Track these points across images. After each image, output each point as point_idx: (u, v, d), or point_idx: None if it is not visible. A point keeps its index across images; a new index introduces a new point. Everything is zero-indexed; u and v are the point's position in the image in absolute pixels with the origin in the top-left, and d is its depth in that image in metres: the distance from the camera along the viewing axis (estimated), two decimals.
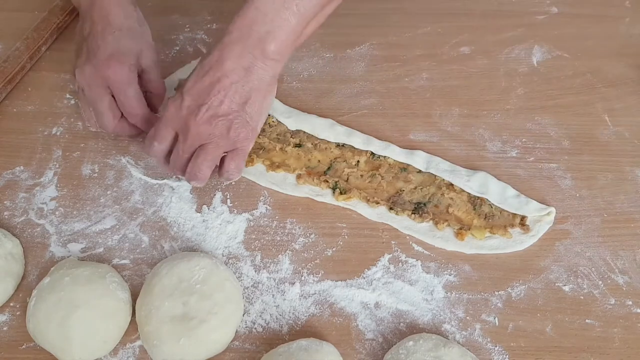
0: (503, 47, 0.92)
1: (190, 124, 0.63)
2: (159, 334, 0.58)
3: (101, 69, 0.68)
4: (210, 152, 0.64)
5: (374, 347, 0.61)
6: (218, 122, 0.63)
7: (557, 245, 0.69)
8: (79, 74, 0.70)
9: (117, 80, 0.69)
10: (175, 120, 0.64)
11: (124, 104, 0.70)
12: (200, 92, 0.63)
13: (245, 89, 0.64)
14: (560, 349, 0.61)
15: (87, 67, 0.69)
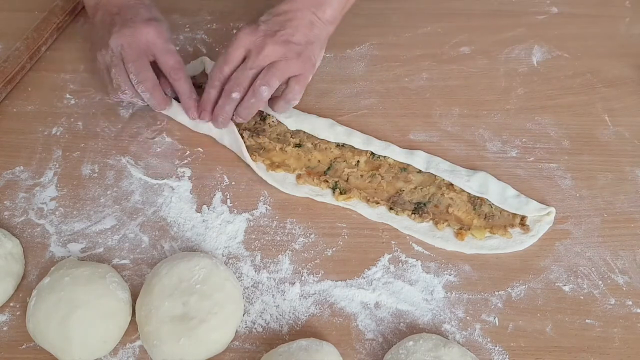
0: (503, 47, 0.92)
1: (267, 41, 0.70)
2: (159, 334, 0.58)
3: (140, 29, 0.72)
4: (281, 67, 0.70)
5: (374, 347, 0.61)
6: (291, 46, 0.71)
7: (557, 245, 0.69)
8: (119, 37, 0.72)
9: (158, 37, 0.73)
10: (250, 40, 0.71)
11: (166, 59, 0.73)
12: (275, 22, 0.72)
13: (309, 35, 0.73)
14: (560, 349, 0.61)
15: (126, 29, 0.72)
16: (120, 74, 0.73)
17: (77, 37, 0.93)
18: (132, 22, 0.73)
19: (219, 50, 0.91)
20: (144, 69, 0.73)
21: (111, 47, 0.72)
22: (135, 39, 0.72)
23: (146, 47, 0.73)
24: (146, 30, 0.73)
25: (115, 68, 0.73)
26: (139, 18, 0.74)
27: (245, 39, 0.71)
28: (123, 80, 0.74)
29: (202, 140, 0.79)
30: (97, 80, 0.86)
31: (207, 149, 0.78)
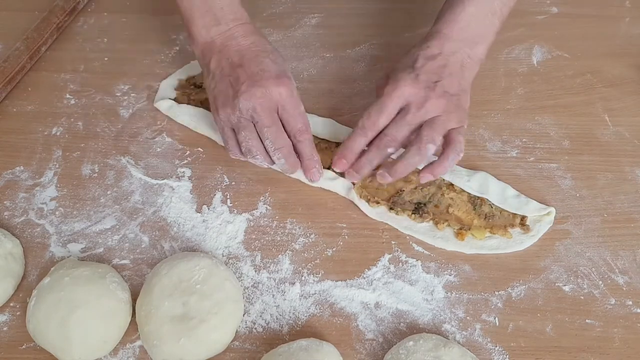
0: (503, 47, 0.92)
1: (429, 95, 0.67)
2: (159, 334, 0.58)
3: (272, 90, 0.66)
4: (443, 122, 0.67)
5: (374, 347, 0.61)
6: (450, 99, 0.67)
7: (557, 245, 0.69)
8: (250, 98, 0.66)
9: (289, 96, 0.67)
10: (410, 92, 0.67)
11: (296, 121, 0.68)
12: (433, 71, 0.68)
13: (463, 83, 0.70)
14: (561, 349, 0.61)
15: (257, 89, 0.66)
16: (252, 138, 0.68)
17: (77, 37, 0.94)
18: (261, 79, 0.67)
19: None
20: (280, 135, 0.68)
21: (240, 108, 0.66)
22: (267, 101, 0.66)
23: (276, 108, 0.67)
24: (278, 91, 0.67)
25: (245, 131, 0.68)
26: (267, 75, 0.67)
27: (405, 91, 0.67)
28: (255, 145, 0.68)
29: (202, 140, 0.79)
30: (97, 80, 0.87)
31: (207, 149, 0.78)
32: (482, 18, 0.71)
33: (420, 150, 0.66)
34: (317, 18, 0.97)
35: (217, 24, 0.70)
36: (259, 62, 0.68)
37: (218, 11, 0.70)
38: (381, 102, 0.68)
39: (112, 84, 0.86)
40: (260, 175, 0.75)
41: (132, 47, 0.92)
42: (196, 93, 0.83)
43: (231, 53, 0.70)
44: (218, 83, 0.69)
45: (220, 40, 0.70)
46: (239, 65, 0.68)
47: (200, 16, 0.71)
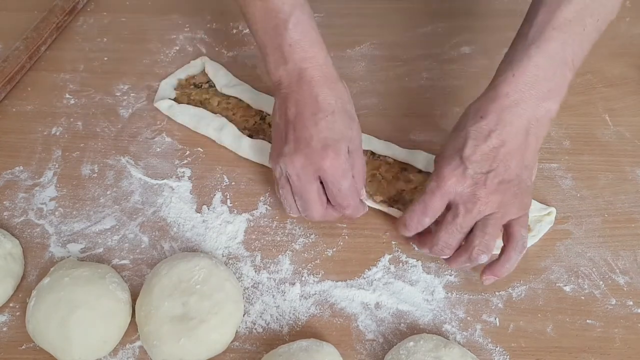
0: (503, 47, 0.91)
1: (479, 193, 0.58)
2: (158, 334, 0.58)
3: (316, 160, 0.61)
4: (498, 221, 0.59)
5: (375, 348, 0.61)
6: (507, 188, 0.59)
7: (557, 246, 0.68)
8: (289, 164, 0.62)
9: (333, 173, 0.61)
10: (456, 191, 0.59)
11: (337, 197, 0.63)
12: (485, 158, 0.59)
13: (526, 157, 0.60)
14: (561, 349, 0.61)
15: (298, 157, 0.61)
16: (287, 197, 0.65)
17: (76, 37, 0.93)
18: (305, 147, 0.61)
19: (218, 50, 0.91)
20: (310, 204, 0.64)
21: (280, 168, 0.63)
22: (305, 170, 0.61)
23: (317, 176, 0.62)
24: (320, 163, 0.61)
25: (282, 190, 0.65)
26: (314, 142, 0.61)
27: (449, 188, 0.59)
28: (289, 204, 0.66)
29: (202, 140, 0.79)
30: (97, 80, 0.86)
31: (207, 149, 0.78)
32: (551, 70, 0.60)
33: (471, 259, 0.60)
34: (317, 18, 0.95)
35: (284, 62, 0.63)
36: (311, 125, 0.61)
37: (286, 48, 0.63)
38: (424, 201, 0.61)
39: (112, 83, 0.86)
40: (260, 175, 0.75)
41: (131, 47, 0.92)
42: (196, 93, 0.83)
43: (290, 103, 0.63)
44: (275, 130, 0.66)
45: (287, 82, 0.64)
46: (291, 122, 0.63)
47: (271, 53, 0.64)
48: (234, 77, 0.85)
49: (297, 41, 0.63)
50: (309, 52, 0.63)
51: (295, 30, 0.63)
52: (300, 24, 0.63)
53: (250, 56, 0.90)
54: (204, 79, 0.86)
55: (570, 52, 0.61)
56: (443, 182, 0.59)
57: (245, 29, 0.94)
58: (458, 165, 0.59)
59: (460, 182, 0.59)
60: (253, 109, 0.81)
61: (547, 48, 0.60)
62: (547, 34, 0.60)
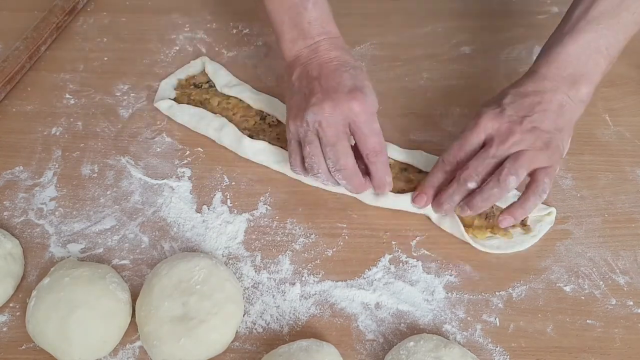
0: (503, 47, 0.92)
1: (513, 128, 0.63)
2: (158, 334, 0.58)
3: (344, 103, 0.63)
4: (529, 157, 0.62)
5: (375, 348, 0.61)
6: (540, 135, 0.63)
7: (557, 246, 0.68)
8: (318, 111, 0.63)
9: (362, 112, 0.63)
10: (493, 125, 0.64)
11: (366, 139, 0.64)
12: (522, 107, 0.65)
13: (559, 121, 0.65)
14: (561, 349, 0.61)
15: (328, 102, 0.63)
16: (315, 154, 0.65)
17: (76, 37, 0.93)
18: (334, 93, 0.63)
19: (218, 50, 0.91)
20: (343, 155, 0.64)
21: (307, 121, 0.64)
22: (335, 116, 0.63)
23: (347, 124, 0.64)
24: (348, 106, 0.63)
25: (309, 146, 0.65)
26: (342, 89, 0.64)
27: (487, 124, 0.64)
28: (318, 162, 0.65)
29: (202, 140, 0.79)
30: (97, 80, 0.86)
31: (207, 149, 0.78)
32: (584, 57, 0.66)
33: (499, 182, 0.62)
34: None
35: (303, 38, 0.68)
36: (337, 76, 0.65)
37: (305, 25, 0.68)
38: (462, 137, 0.66)
39: (112, 83, 0.86)
40: (260, 175, 0.75)
41: (131, 47, 0.92)
42: (196, 93, 0.83)
43: (312, 66, 0.67)
44: (294, 95, 0.67)
45: (305, 54, 0.68)
46: (316, 77, 0.66)
47: (288, 30, 0.69)
48: (234, 77, 0.85)
49: (316, 18, 0.68)
50: (326, 27, 0.69)
51: (314, 9, 0.68)
52: (319, 4, 0.69)
53: (250, 56, 0.90)
54: (204, 79, 0.86)
55: (604, 42, 0.66)
56: (481, 119, 0.65)
57: (245, 29, 0.94)
58: (496, 108, 0.65)
59: (497, 119, 0.64)
60: (253, 109, 0.81)
61: (580, 38, 0.66)
62: (581, 26, 0.67)
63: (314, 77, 0.66)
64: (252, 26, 0.95)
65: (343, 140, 0.64)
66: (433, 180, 0.68)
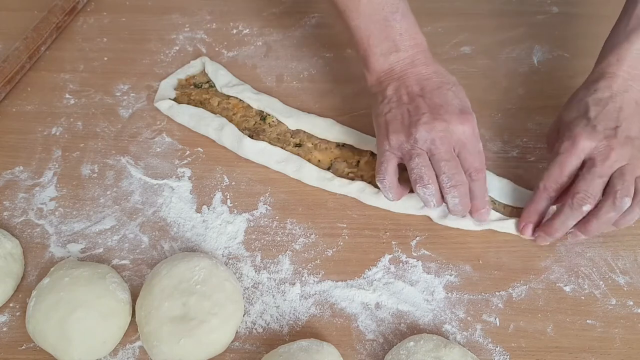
0: (503, 47, 0.92)
1: (612, 145, 0.62)
2: (158, 334, 0.58)
3: (456, 124, 0.63)
4: (631, 172, 0.62)
5: (375, 348, 0.61)
6: (633, 142, 0.63)
7: (557, 246, 0.68)
8: (431, 130, 0.63)
9: (471, 134, 0.64)
10: (590, 145, 0.63)
11: (474, 159, 0.64)
12: (609, 117, 0.64)
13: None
14: (561, 349, 0.61)
15: (439, 122, 0.63)
16: (425, 167, 0.64)
17: (76, 37, 0.93)
18: (445, 113, 0.63)
19: (218, 50, 0.91)
20: (457, 171, 0.64)
21: (417, 138, 0.63)
22: (448, 136, 0.63)
23: (455, 144, 0.64)
24: (462, 128, 0.63)
25: (418, 158, 0.64)
26: (451, 109, 0.64)
27: (584, 144, 0.63)
28: (428, 175, 0.64)
29: (202, 140, 0.79)
30: (97, 80, 0.86)
31: (207, 149, 0.78)
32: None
33: (615, 205, 0.61)
34: (317, 18, 0.97)
35: (396, 51, 0.67)
36: (442, 95, 0.65)
37: (397, 37, 0.67)
38: (560, 160, 0.64)
39: (112, 83, 0.86)
40: (260, 175, 0.75)
41: (132, 47, 0.92)
42: (196, 93, 0.83)
43: (411, 81, 0.67)
44: (393, 109, 0.66)
45: (400, 67, 0.67)
46: (419, 94, 0.65)
47: (377, 44, 0.68)
48: (234, 77, 0.85)
49: (406, 30, 0.67)
50: (417, 39, 0.68)
51: (403, 20, 0.68)
52: (407, 15, 0.68)
53: (250, 56, 0.90)
54: (204, 79, 0.86)
55: None
56: (577, 140, 0.63)
57: (245, 29, 0.94)
58: (586, 124, 0.64)
59: (593, 138, 0.63)
60: (253, 109, 0.81)
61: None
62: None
63: (417, 94, 0.66)
64: (252, 26, 0.95)
65: (455, 158, 0.64)
66: (537, 208, 0.66)
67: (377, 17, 0.67)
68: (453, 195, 0.64)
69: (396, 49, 0.67)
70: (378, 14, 0.67)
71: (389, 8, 0.67)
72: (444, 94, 0.65)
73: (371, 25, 0.67)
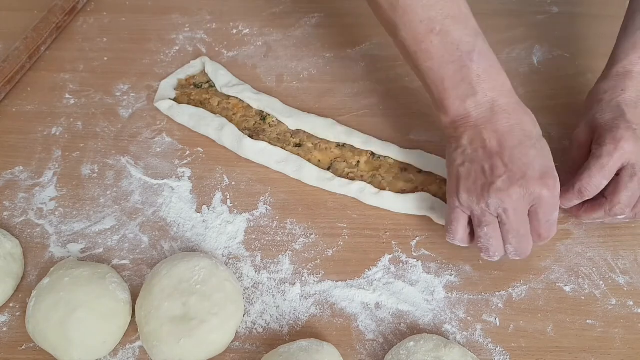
0: (503, 47, 0.92)
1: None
2: (158, 334, 0.58)
3: (534, 190, 0.58)
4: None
5: (375, 348, 0.61)
6: None
7: (558, 246, 0.68)
8: (506, 198, 0.58)
9: (549, 203, 0.59)
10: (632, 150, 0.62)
11: (543, 228, 0.60)
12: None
13: None
14: (561, 349, 0.61)
15: (515, 189, 0.58)
16: (494, 237, 0.61)
17: (76, 37, 0.93)
18: (523, 178, 0.58)
19: (218, 50, 0.91)
20: (525, 241, 0.61)
21: (489, 204, 0.59)
22: (523, 204, 0.59)
23: (530, 207, 0.60)
24: (539, 193, 0.58)
25: (487, 228, 0.60)
26: (531, 173, 0.58)
27: (627, 148, 0.61)
28: (496, 245, 0.61)
29: (202, 140, 0.79)
30: (97, 80, 0.86)
31: (207, 149, 0.78)
32: None
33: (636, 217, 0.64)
34: (317, 18, 0.97)
35: (474, 94, 0.61)
36: (522, 154, 0.59)
37: (474, 79, 0.61)
38: (602, 164, 0.62)
39: (112, 83, 0.86)
40: (260, 175, 0.75)
41: (132, 47, 0.92)
42: (196, 93, 0.83)
43: (488, 133, 0.61)
44: (467, 162, 0.61)
45: (477, 114, 0.61)
46: (497, 152, 0.60)
47: (453, 87, 0.62)
48: (234, 77, 0.85)
49: (485, 71, 0.61)
50: (497, 80, 0.62)
51: (480, 60, 0.61)
52: (485, 54, 0.62)
53: (250, 56, 0.90)
54: (204, 79, 0.86)
55: None
56: (620, 143, 0.62)
57: (245, 29, 0.94)
58: (627, 128, 0.63)
59: (635, 142, 0.62)
60: (253, 109, 0.81)
61: None
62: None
63: (495, 152, 0.60)
64: (252, 26, 0.95)
65: (527, 225, 0.60)
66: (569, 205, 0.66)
67: (451, 57, 0.61)
68: (513, 255, 0.63)
69: (474, 92, 0.61)
70: (452, 55, 0.61)
71: (464, 47, 0.61)
72: (525, 154, 0.59)
73: (445, 67, 0.61)
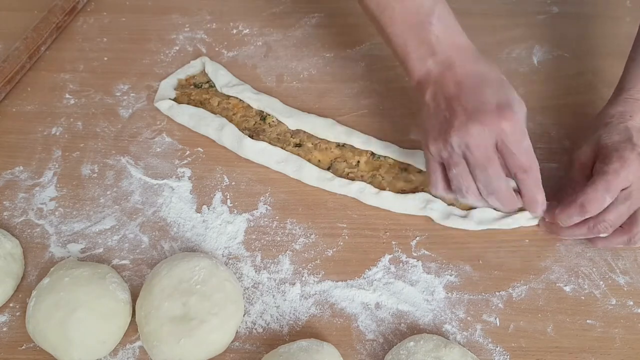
0: (503, 47, 0.92)
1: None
2: (158, 334, 0.58)
3: (493, 122, 0.58)
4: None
5: (375, 348, 0.61)
6: None
7: (558, 246, 0.68)
8: (464, 134, 0.59)
9: (513, 132, 0.59)
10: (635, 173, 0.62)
11: (515, 159, 0.60)
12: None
13: None
14: (561, 349, 0.61)
15: (473, 124, 0.59)
16: (464, 177, 0.62)
17: (76, 37, 0.93)
18: (479, 114, 0.59)
19: (218, 50, 0.91)
20: (495, 178, 0.60)
21: (451, 144, 0.60)
22: (484, 138, 0.59)
23: (495, 143, 0.60)
24: (498, 126, 0.58)
25: (456, 169, 0.62)
26: (488, 107, 0.59)
27: (632, 169, 0.62)
28: (467, 185, 0.62)
29: (202, 140, 0.79)
30: (97, 80, 0.86)
31: (207, 149, 0.78)
32: None
33: (630, 243, 0.64)
34: (317, 18, 0.97)
35: (432, 54, 0.63)
36: (478, 93, 0.61)
37: (433, 40, 0.63)
38: (608, 183, 0.62)
39: (112, 83, 0.86)
40: (260, 175, 0.75)
41: (131, 47, 0.92)
42: (196, 93, 0.83)
43: (447, 84, 0.62)
44: (431, 116, 0.63)
45: (437, 70, 0.63)
46: (454, 97, 0.61)
47: (414, 49, 0.64)
48: (234, 77, 0.85)
49: (444, 32, 0.64)
50: (455, 40, 0.64)
51: (439, 23, 0.64)
52: (444, 18, 0.64)
53: (250, 56, 0.90)
54: (204, 79, 0.86)
55: None
56: (627, 163, 0.62)
57: (245, 29, 0.94)
58: (633, 150, 0.63)
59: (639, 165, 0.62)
60: (253, 109, 0.81)
61: None
62: None
63: (452, 97, 0.61)
64: (252, 26, 0.95)
65: (493, 162, 0.60)
66: (567, 222, 0.65)
67: (411, 21, 0.64)
68: (492, 201, 0.63)
69: (433, 52, 0.63)
70: (413, 19, 0.64)
71: (424, 11, 0.64)
72: (480, 92, 0.61)
73: (407, 31, 0.64)
